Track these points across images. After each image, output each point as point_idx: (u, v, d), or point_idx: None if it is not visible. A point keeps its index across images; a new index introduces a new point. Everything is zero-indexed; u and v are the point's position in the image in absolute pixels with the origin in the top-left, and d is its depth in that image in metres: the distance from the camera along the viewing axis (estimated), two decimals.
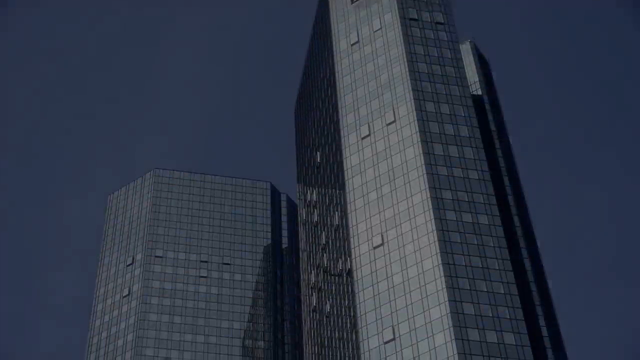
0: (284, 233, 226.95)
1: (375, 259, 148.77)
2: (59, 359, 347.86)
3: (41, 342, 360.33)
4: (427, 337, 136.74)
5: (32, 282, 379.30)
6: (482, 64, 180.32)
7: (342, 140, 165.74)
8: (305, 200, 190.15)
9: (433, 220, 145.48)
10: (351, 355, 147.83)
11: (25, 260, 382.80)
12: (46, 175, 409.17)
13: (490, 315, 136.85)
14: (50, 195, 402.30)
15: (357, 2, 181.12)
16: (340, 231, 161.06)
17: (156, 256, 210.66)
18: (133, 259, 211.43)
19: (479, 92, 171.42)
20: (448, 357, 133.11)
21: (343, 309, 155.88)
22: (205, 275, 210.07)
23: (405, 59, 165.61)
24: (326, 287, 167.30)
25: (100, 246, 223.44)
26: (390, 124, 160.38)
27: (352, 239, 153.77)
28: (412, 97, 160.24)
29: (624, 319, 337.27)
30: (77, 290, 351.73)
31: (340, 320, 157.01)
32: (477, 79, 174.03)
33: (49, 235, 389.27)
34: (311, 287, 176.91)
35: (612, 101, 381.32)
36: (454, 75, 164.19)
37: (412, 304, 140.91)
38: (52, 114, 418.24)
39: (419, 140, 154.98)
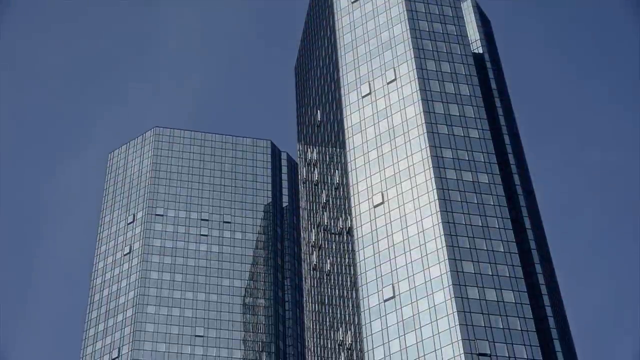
0: (285, 191, 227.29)
1: (375, 218, 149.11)
2: (61, 317, 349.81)
3: (43, 301, 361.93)
4: (427, 295, 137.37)
5: (33, 242, 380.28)
6: (484, 22, 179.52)
7: (343, 98, 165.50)
8: (305, 159, 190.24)
9: (433, 179, 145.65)
10: (351, 313, 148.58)
11: (25, 219, 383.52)
12: (45, 134, 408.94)
13: (490, 273, 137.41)
14: (50, 154, 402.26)
15: None
16: (341, 190, 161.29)
17: (157, 214, 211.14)
18: (134, 217, 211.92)
19: (480, 51, 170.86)
20: (447, 315, 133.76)
21: (343, 267, 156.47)
22: (205, 233, 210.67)
23: (406, 17, 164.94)
24: (326, 246, 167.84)
25: (100, 204, 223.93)
26: (390, 82, 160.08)
27: (352, 198, 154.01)
28: (412, 56, 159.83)
29: (623, 276, 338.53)
30: (78, 248, 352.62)
31: (340, 278, 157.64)
32: (478, 37, 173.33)
33: (49, 194, 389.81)
34: (311, 246, 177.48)
35: (614, 57, 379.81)
36: (455, 34, 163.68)
37: (411, 262, 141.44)
38: (51, 72, 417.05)
39: (420, 98, 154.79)
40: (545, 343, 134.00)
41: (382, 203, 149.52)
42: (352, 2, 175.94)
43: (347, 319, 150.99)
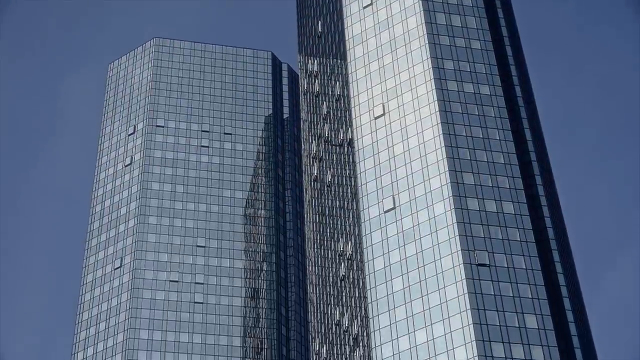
0: (285, 103, 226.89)
1: (376, 129, 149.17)
2: (63, 228, 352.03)
3: (45, 212, 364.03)
4: (427, 207, 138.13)
5: (34, 153, 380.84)
6: None
7: (344, 9, 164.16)
8: (306, 70, 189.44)
9: (434, 91, 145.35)
10: (351, 224, 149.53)
11: (26, 131, 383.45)
12: (45, 46, 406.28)
13: (490, 185, 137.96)
14: (50, 66, 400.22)
15: None
16: (342, 101, 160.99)
17: (157, 125, 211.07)
18: (134, 128, 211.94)
19: None
20: (447, 226, 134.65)
21: (344, 179, 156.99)
22: (206, 144, 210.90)
23: None
24: (327, 157, 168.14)
25: (101, 116, 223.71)
26: None
27: (353, 109, 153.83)
28: None
29: (623, 188, 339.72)
30: (79, 159, 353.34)
31: (341, 189, 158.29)
32: None
33: (50, 106, 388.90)
34: (312, 157, 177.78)
35: None
36: None
37: (412, 173, 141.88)
38: None
39: (421, 9, 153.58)
40: (545, 254, 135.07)
41: (383, 114, 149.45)
42: None
43: (348, 229, 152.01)
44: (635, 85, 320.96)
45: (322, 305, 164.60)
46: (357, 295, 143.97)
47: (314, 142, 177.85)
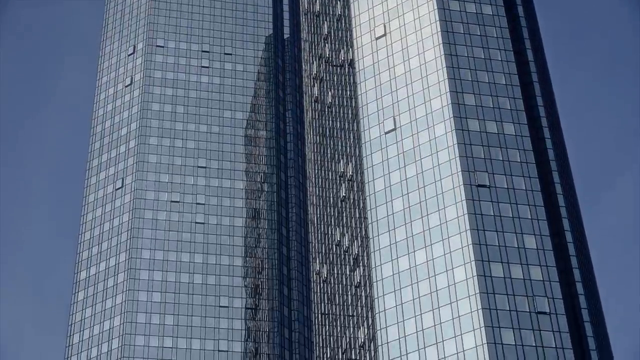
0: (286, 23, 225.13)
1: (377, 50, 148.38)
2: (64, 149, 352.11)
3: (47, 132, 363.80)
4: (428, 128, 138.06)
5: (36, 73, 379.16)
6: None
7: None
8: None
9: (436, 11, 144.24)
10: (352, 145, 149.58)
11: (26, 51, 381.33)
12: None
13: (491, 106, 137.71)
14: None
15: None
16: (342, 21, 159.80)
17: (157, 46, 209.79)
18: (134, 48, 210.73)
19: None
20: (447, 147, 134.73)
21: (344, 100, 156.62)
22: (206, 65, 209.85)
23: None
24: (328, 78, 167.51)
25: (101, 35, 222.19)
26: None
27: (354, 29, 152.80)
28: None
29: (624, 109, 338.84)
30: (79, 79, 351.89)
31: (341, 110, 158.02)
32: None
33: (50, 25, 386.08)
34: (313, 78, 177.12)
35: None
36: None
37: (413, 94, 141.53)
38: None
39: None
40: (544, 175, 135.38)
41: (384, 35, 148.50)
42: None
43: (348, 150, 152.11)
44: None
45: (322, 225, 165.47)
46: (357, 216, 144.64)
47: (314, 62, 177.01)
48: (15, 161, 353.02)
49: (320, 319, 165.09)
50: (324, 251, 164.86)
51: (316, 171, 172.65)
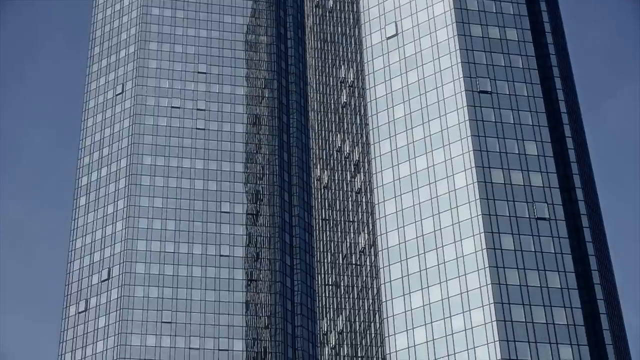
0: None
1: None
2: (63, 56, 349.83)
3: (43, 41, 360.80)
4: (430, 33, 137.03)
5: None
6: None
7: None
8: None
9: None
10: (353, 51, 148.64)
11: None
12: None
13: (494, 11, 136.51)
14: None
15: None
16: None
17: None
18: None
19: None
20: (450, 53, 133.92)
21: (346, 5, 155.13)
22: None
23: None
24: None
25: None
26: None
27: None
28: None
29: (631, 17, 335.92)
30: None
31: (343, 15, 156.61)
32: None
33: None
34: None
35: None
36: None
37: None
38: None
39: None
40: (546, 81, 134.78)
41: None
42: None
43: (349, 56, 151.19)
44: None
45: (323, 131, 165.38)
46: (358, 122, 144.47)
47: None
48: (15, 68, 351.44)
49: (320, 225, 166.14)
50: (324, 157, 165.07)
51: (317, 77, 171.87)
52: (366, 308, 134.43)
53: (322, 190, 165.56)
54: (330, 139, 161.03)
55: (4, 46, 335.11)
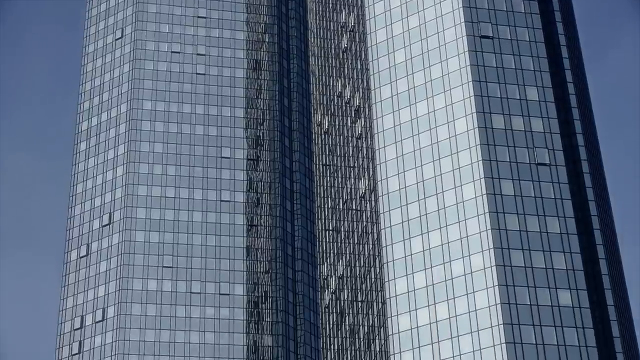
0: None
1: None
2: (62, 19, 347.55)
3: None
4: None
5: None
6: None
7: None
8: None
9: None
10: None
11: None
12: None
13: None
14: None
15: None
16: None
17: None
18: None
19: None
20: None
21: None
22: None
23: None
24: None
25: None
26: None
27: None
28: None
29: None
30: None
31: None
32: None
33: None
34: None
35: None
36: None
37: None
38: None
39: None
40: (548, 26, 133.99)
41: None
42: None
43: (350, 1, 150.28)
44: None
45: (324, 77, 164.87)
46: (359, 67, 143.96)
47: None
48: (13, 12, 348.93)
49: (321, 170, 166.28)
50: (325, 102, 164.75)
51: (318, 21, 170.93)
52: (366, 253, 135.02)
53: (323, 135, 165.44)
54: (331, 84, 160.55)
55: None
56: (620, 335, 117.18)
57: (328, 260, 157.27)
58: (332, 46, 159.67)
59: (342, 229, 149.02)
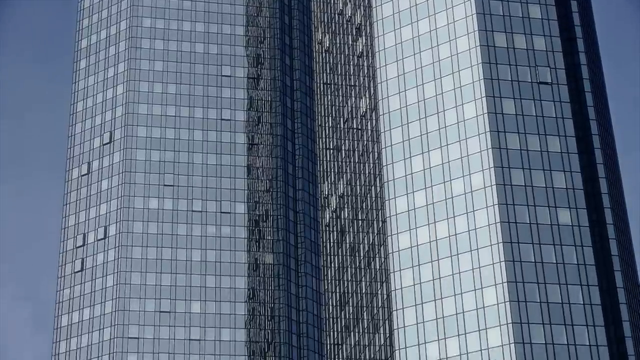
0: None
1: None
2: None
3: None
4: None
5: None
6: None
7: None
8: None
9: None
10: None
11: None
12: None
13: None
14: None
15: None
16: None
17: None
18: None
19: None
20: None
21: None
22: None
23: None
24: None
25: None
26: None
27: None
28: None
29: None
30: None
31: None
32: None
33: None
34: None
35: None
36: None
37: None
38: None
39: None
40: None
41: None
42: None
43: None
44: None
45: None
46: None
47: None
48: None
49: (322, 89, 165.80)
50: (326, 20, 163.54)
51: None
52: (367, 172, 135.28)
53: (324, 53, 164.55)
54: (332, 1, 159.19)
55: None
56: (619, 254, 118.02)
57: (329, 179, 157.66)
58: None
59: (343, 148, 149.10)
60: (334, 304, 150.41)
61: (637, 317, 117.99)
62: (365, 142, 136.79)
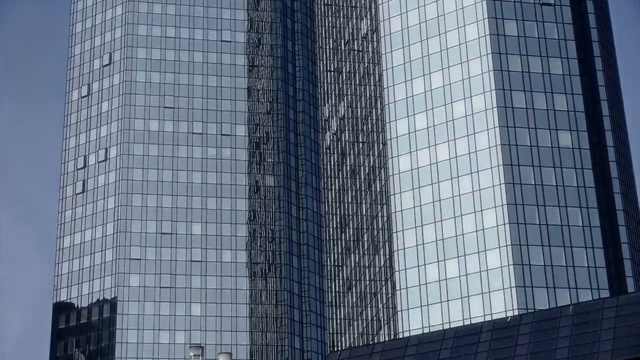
0: None
1: None
2: None
3: None
4: None
5: None
6: None
7: None
8: None
9: None
10: None
11: None
12: None
13: None
14: None
15: None
16: None
17: None
18: None
19: None
20: None
21: None
22: None
23: None
24: None
25: None
26: None
27: None
28: None
29: None
30: None
31: None
32: None
33: None
34: None
35: None
36: None
37: None
38: None
39: None
40: None
41: None
42: None
43: None
44: None
45: None
46: None
47: None
48: None
49: (323, 10, 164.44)
50: None
51: None
52: (368, 94, 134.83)
53: None
54: None
55: None
56: (619, 177, 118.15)
57: (329, 101, 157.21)
58: None
59: (344, 70, 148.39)
60: (335, 226, 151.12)
61: (636, 239, 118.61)
62: (366, 64, 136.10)
